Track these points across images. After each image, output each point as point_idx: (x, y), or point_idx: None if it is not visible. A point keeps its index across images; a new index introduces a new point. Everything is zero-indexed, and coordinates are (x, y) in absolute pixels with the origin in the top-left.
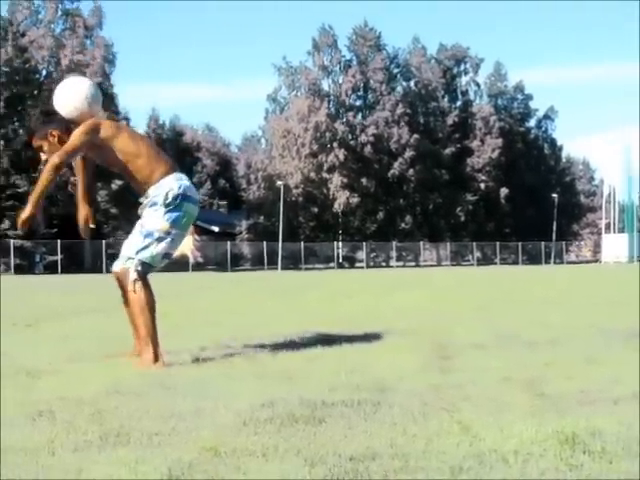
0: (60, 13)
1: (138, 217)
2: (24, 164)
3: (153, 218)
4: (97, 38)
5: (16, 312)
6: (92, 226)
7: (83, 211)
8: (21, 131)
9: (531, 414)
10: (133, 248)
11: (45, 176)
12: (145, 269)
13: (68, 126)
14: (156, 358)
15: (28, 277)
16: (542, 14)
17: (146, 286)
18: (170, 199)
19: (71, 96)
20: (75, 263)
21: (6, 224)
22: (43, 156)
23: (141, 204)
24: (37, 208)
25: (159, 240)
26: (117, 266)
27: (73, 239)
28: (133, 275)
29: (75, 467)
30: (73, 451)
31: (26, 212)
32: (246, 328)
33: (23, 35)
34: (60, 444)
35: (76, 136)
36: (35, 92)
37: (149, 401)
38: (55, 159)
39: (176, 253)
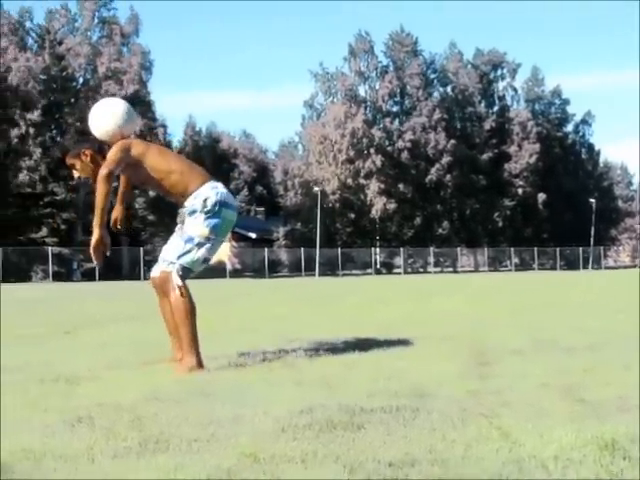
0: (97, 21)
1: (176, 224)
2: (62, 172)
3: (193, 224)
4: (134, 45)
5: (54, 319)
6: (119, 227)
7: (115, 213)
8: (59, 139)
9: (570, 420)
10: (174, 253)
11: (101, 190)
12: (185, 274)
13: (101, 146)
14: (200, 364)
15: (66, 284)
16: (579, 19)
17: (189, 297)
18: (209, 206)
19: (103, 120)
20: (113, 270)
21: (44, 231)
22: (75, 174)
23: (179, 213)
24: (104, 229)
25: (199, 245)
26: (156, 271)
27: (111, 246)
28: (177, 280)
29: (114, 474)
30: (112, 458)
31: (95, 237)
32: (284, 334)
33: (60, 43)
34: (99, 451)
35: (114, 152)
36: (72, 100)
37: (188, 408)
38: (104, 170)
39: (214, 259)
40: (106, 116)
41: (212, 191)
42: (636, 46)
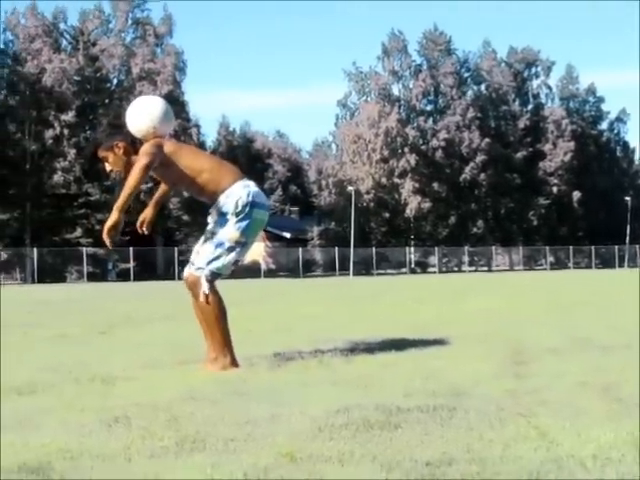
0: (130, 22)
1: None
2: (96, 172)
3: (224, 228)
4: (167, 46)
5: (90, 319)
6: (144, 229)
7: (146, 214)
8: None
9: (608, 419)
10: (204, 258)
11: (135, 177)
12: (214, 278)
13: (134, 140)
14: (234, 363)
15: (101, 284)
16: (613, 16)
17: (215, 294)
18: (240, 207)
19: (140, 117)
20: (147, 270)
21: (79, 232)
22: (108, 167)
23: (210, 213)
24: (123, 214)
25: (230, 250)
26: (187, 272)
27: (145, 246)
28: (205, 287)
29: (151, 473)
30: (149, 457)
31: (112, 219)
32: (320, 334)
33: (94, 44)
34: (136, 450)
35: (148, 145)
36: (106, 101)
37: (224, 407)
38: (144, 160)
39: (248, 259)
40: (143, 114)
41: (244, 190)
42: None
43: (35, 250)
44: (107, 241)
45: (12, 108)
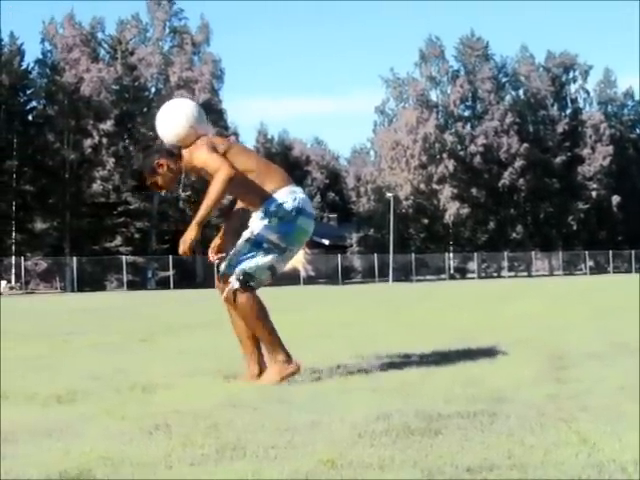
0: (168, 31)
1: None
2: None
3: (263, 228)
4: (205, 54)
5: (130, 327)
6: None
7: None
8: (132, 148)
9: None
10: (237, 255)
11: (218, 191)
12: (247, 279)
13: (170, 151)
14: (289, 359)
15: (141, 292)
16: None
17: (253, 296)
18: (284, 212)
19: (175, 121)
20: (187, 278)
21: (118, 240)
22: (162, 192)
23: (251, 216)
24: (200, 229)
25: (267, 252)
26: (221, 271)
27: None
28: (235, 284)
29: None
30: (190, 465)
31: (192, 234)
32: (360, 341)
33: (132, 53)
34: (177, 458)
35: (207, 150)
36: (144, 109)
37: (264, 414)
38: (228, 171)
39: (288, 266)
40: (178, 117)
41: (290, 196)
42: None
43: (75, 259)
44: (185, 253)
45: (51, 118)
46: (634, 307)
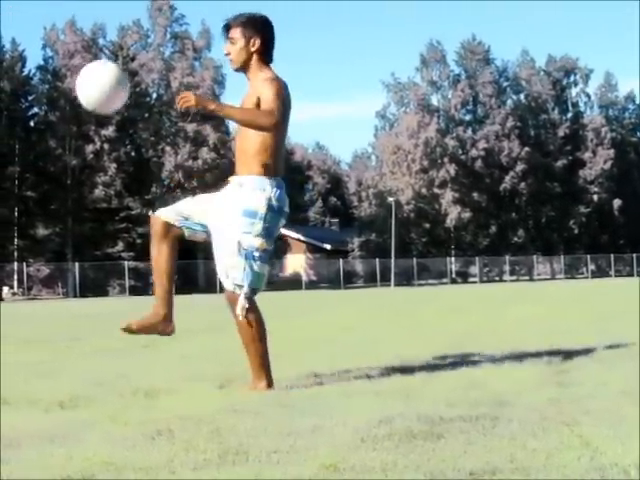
0: (169, 36)
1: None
2: (137, 187)
3: (251, 236)
4: (206, 60)
5: None
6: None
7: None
8: (133, 154)
9: None
10: (239, 274)
11: (255, 120)
12: (254, 294)
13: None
14: (269, 384)
15: (143, 298)
16: None
17: (256, 312)
18: (269, 211)
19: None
20: (189, 283)
21: (120, 246)
22: (226, 50)
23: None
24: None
25: (261, 260)
26: (225, 287)
27: (186, 259)
28: (245, 303)
29: None
30: (192, 469)
31: (205, 102)
32: (361, 345)
33: (133, 59)
34: (179, 463)
35: (277, 90)
36: (146, 115)
37: (267, 419)
38: (276, 119)
39: (289, 271)
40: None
41: (273, 190)
42: None
43: (77, 264)
44: (183, 104)
45: (52, 124)
46: (635, 311)
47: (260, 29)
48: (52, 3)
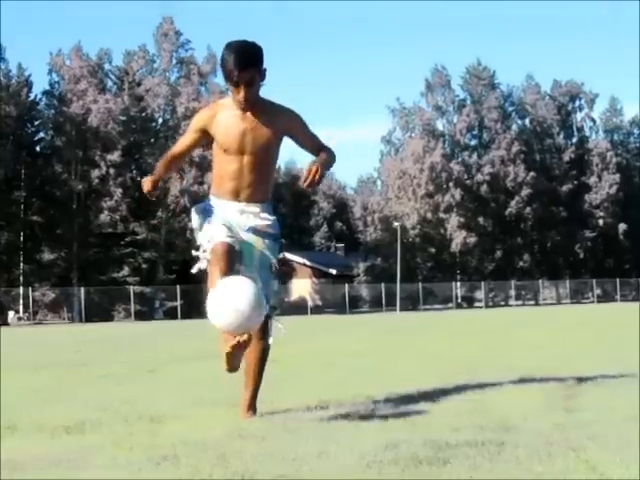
0: (175, 61)
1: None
2: (142, 211)
3: (275, 260)
4: (212, 85)
5: (137, 358)
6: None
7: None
8: (139, 179)
9: None
10: (272, 291)
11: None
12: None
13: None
14: (251, 408)
15: (148, 323)
16: None
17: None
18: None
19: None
20: (194, 308)
21: (126, 271)
22: (241, 94)
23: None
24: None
25: (276, 277)
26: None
27: (192, 284)
28: (276, 324)
29: None
30: None
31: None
32: (367, 370)
33: (139, 84)
34: None
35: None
36: (152, 140)
37: (272, 444)
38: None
39: (295, 296)
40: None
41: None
42: None
43: (82, 289)
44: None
45: (58, 149)
46: None
47: (262, 59)
48: (58, 28)
